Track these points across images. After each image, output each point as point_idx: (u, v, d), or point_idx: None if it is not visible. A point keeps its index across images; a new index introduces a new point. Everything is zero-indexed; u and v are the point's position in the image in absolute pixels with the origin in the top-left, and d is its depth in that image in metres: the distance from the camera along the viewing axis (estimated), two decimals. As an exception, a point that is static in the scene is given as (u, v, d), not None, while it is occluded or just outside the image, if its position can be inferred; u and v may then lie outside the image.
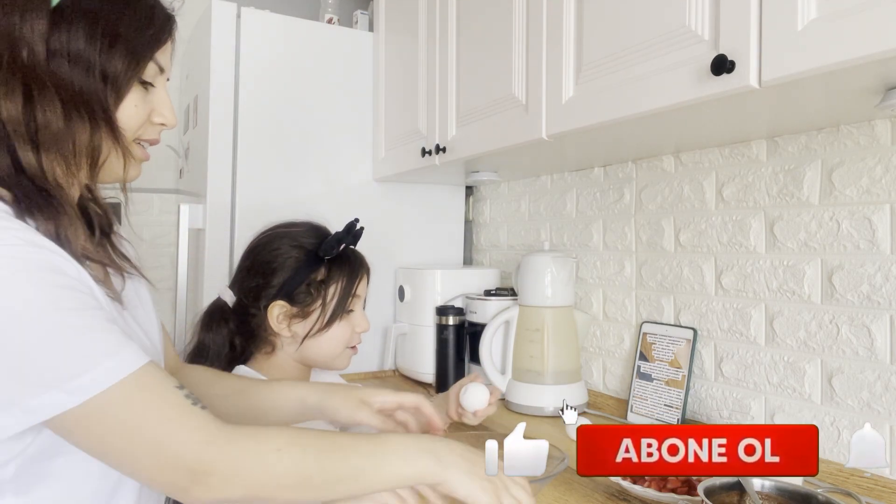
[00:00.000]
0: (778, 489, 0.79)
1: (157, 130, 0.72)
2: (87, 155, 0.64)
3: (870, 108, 0.90)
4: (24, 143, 0.60)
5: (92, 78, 0.62)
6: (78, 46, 0.61)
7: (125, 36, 0.64)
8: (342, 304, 0.96)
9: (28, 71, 0.60)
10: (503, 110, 1.31)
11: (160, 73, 0.69)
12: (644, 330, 1.39)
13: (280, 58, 1.76)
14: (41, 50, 0.60)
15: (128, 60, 0.64)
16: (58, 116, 0.61)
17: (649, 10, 0.95)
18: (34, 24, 0.60)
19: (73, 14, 0.61)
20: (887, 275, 0.99)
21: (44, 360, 0.53)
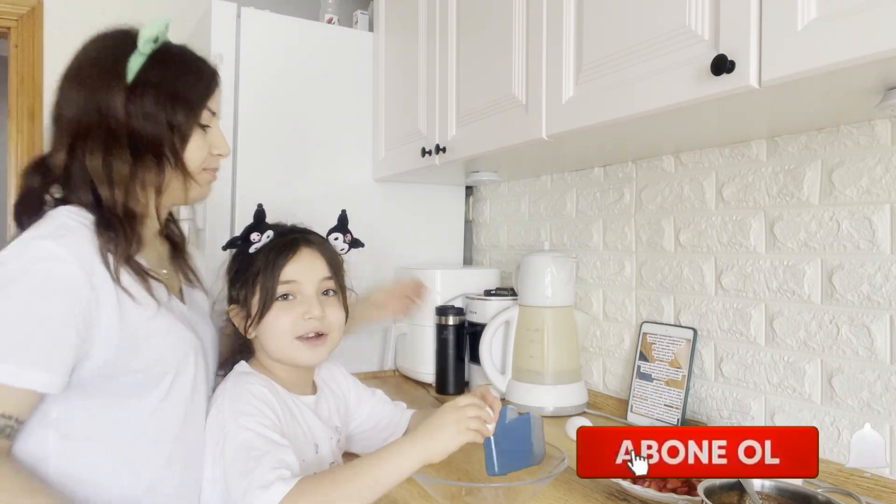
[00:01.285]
0: (778, 489, 0.79)
1: (216, 160, 0.92)
2: (154, 186, 0.84)
3: (870, 108, 0.90)
4: (101, 184, 0.81)
5: (161, 128, 0.82)
6: (149, 108, 0.82)
7: (182, 94, 0.84)
8: (268, 294, 0.90)
9: (110, 132, 0.81)
10: (503, 110, 1.31)
11: (213, 115, 0.89)
12: (644, 330, 1.39)
13: (280, 58, 1.75)
14: (122, 115, 0.81)
15: (186, 112, 0.84)
16: (126, 163, 0.81)
17: (649, 10, 0.95)
18: (116, 97, 0.81)
19: (143, 85, 0.82)
20: (887, 275, 0.99)
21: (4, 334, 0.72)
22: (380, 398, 1.12)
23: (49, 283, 0.74)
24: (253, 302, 0.92)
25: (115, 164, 0.81)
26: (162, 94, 0.82)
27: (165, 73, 0.84)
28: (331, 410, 1.02)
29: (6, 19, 2.13)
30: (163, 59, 0.84)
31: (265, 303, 0.91)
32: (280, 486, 0.74)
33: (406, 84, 1.72)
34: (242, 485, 0.76)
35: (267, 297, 0.91)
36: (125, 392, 0.82)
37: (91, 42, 0.89)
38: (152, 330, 0.82)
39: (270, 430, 0.83)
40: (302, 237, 0.96)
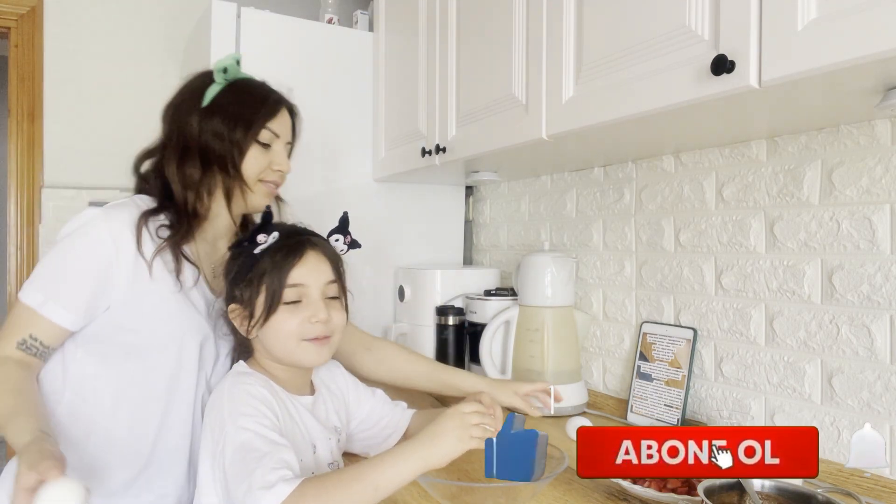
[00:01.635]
0: (778, 489, 0.79)
1: (277, 175, 1.07)
2: (222, 192, 1.02)
3: (870, 108, 0.90)
4: (175, 184, 1.01)
5: (225, 144, 1.00)
6: (217, 127, 1.00)
7: (244, 115, 1.02)
8: (274, 297, 0.91)
9: (185, 144, 1.01)
10: (503, 110, 1.31)
11: (276, 137, 1.05)
12: (644, 330, 1.39)
13: (280, 58, 1.75)
14: (196, 132, 1.00)
15: (245, 130, 1.01)
16: (197, 171, 1.00)
17: (649, 10, 0.95)
18: (192, 116, 1.01)
19: (214, 109, 1.01)
20: (887, 275, 0.99)
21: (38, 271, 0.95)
22: (380, 398, 1.12)
23: (85, 242, 0.94)
24: (257, 303, 0.92)
25: (188, 171, 1.00)
26: (228, 115, 1.00)
27: (232, 99, 1.02)
28: (328, 411, 1.02)
29: (6, 19, 2.13)
30: (234, 88, 1.03)
31: (271, 305, 0.91)
32: (283, 486, 0.74)
33: (406, 84, 1.72)
34: (243, 486, 0.76)
35: (273, 300, 0.91)
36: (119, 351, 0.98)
37: (187, 78, 1.08)
38: (158, 304, 0.97)
39: (270, 430, 0.83)
40: (307, 240, 0.96)
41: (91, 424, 0.97)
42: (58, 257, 0.95)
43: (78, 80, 2.19)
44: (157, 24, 2.29)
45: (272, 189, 1.07)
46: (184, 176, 1.00)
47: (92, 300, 0.94)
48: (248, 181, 1.03)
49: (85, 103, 2.21)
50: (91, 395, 0.98)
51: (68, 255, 0.94)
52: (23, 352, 0.93)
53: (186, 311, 1.00)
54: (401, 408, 1.12)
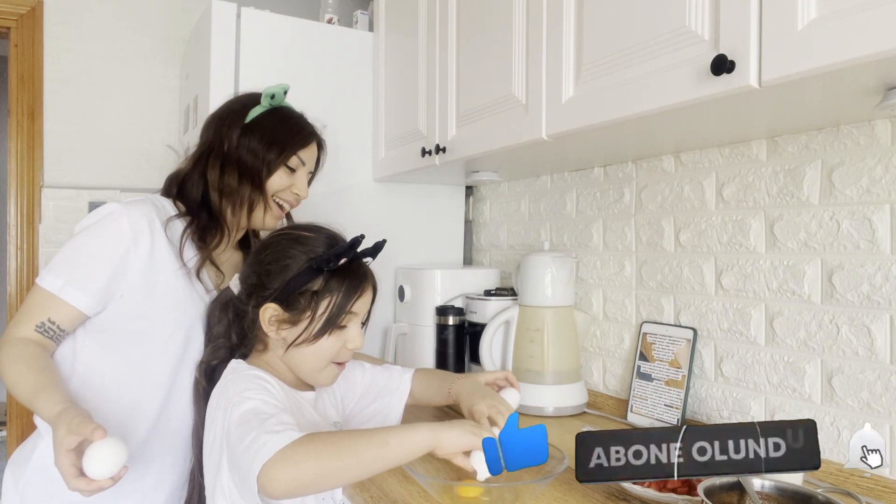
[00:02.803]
0: (778, 489, 0.79)
1: (294, 197, 1.16)
2: (248, 204, 1.11)
3: (870, 108, 0.90)
4: (214, 192, 1.10)
5: (258, 161, 1.10)
6: (254, 145, 1.10)
7: (280, 139, 1.11)
8: (333, 320, 0.91)
9: (225, 156, 1.10)
10: (503, 110, 1.31)
11: (302, 164, 1.15)
12: (644, 330, 1.39)
13: (280, 58, 1.75)
14: (235, 145, 1.10)
15: (278, 153, 1.11)
16: (235, 181, 1.09)
17: (649, 10, 0.95)
18: (234, 131, 1.11)
19: (255, 127, 1.11)
20: (887, 275, 0.99)
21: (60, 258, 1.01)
22: (370, 372, 1.12)
23: (105, 232, 1.00)
24: (314, 318, 0.90)
25: (227, 180, 1.09)
26: (266, 136, 1.10)
27: (272, 123, 1.12)
28: (327, 406, 1.02)
29: (6, 19, 2.13)
30: (276, 113, 1.14)
31: (327, 327, 0.90)
32: (290, 433, 0.73)
33: (406, 84, 1.72)
34: (247, 439, 0.74)
35: (332, 322, 0.91)
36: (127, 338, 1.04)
37: (233, 98, 1.18)
38: (169, 292, 1.04)
39: (276, 404, 0.82)
40: (369, 269, 0.98)
41: (95, 409, 0.98)
42: (78, 245, 1.00)
43: (78, 80, 2.19)
44: (157, 24, 2.29)
45: (282, 211, 1.16)
46: (223, 184, 1.09)
47: (109, 286, 1.00)
48: (267, 196, 1.12)
49: (85, 103, 2.21)
50: (97, 381, 1.03)
51: (88, 244, 1.00)
52: (40, 334, 0.98)
53: (194, 299, 1.06)
54: (396, 372, 1.14)
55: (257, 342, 0.97)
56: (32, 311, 0.99)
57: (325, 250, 0.92)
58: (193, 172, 1.11)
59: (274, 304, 0.91)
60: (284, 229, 1.01)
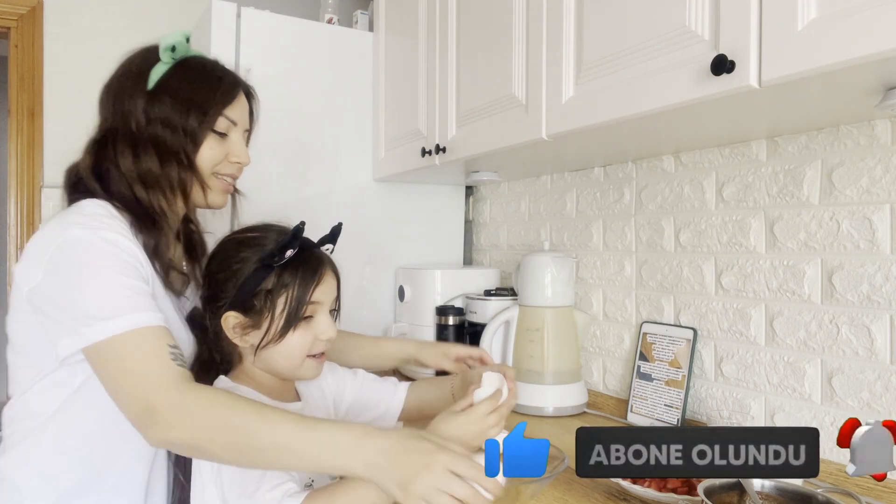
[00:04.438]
0: (778, 489, 0.79)
1: (235, 167, 0.97)
2: (180, 188, 0.91)
3: (870, 108, 0.90)
4: (137, 184, 0.89)
5: (177, 134, 0.89)
6: (166, 114, 0.89)
7: (198, 101, 0.90)
8: (294, 314, 0.87)
9: (135, 136, 0.89)
10: (503, 110, 1.31)
11: (233, 125, 0.95)
12: (644, 330, 1.39)
13: (280, 58, 1.75)
14: (142, 119, 0.89)
15: (199, 118, 0.90)
16: (155, 164, 0.89)
17: (649, 10, 0.95)
18: (136, 102, 0.89)
19: (162, 92, 0.89)
20: (887, 275, 0.99)
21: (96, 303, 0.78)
22: (362, 378, 1.09)
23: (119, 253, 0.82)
24: (274, 316, 0.87)
25: (145, 166, 0.89)
26: (178, 100, 0.89)
27: (183, 82, 0.90)
28: (318, 411, 1.00)
29: (6, 19, 2.13)
30: (183, 68, 0.91)
31: (290, 321, 0.87)
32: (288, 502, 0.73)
33: (406, 84, 1.72)
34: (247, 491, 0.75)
35: (294, 316, 0.87)
36: None
37: (126, 56, 0.95)
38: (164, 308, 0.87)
39: None
40: (324, 255, 0.93)
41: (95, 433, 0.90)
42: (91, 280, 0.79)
43: (78, 80, 2.19)
44: (157, 24, 2.29)
45: (228, 185, 0.98)
46: (142, 172, 0.88)
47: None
48: (203, 175, 0.93)
49: (85, 103, 2.19)
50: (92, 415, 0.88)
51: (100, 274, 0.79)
52: (182, 366, 0.79)
53: (175, 314, 0.93)
54: (390, 383, 1.09)
55: (234, 356, 0.93)
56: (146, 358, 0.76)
57: (273, 246, 0.88)
58: (107, 164, 0.89)
59: (232, 311, 0.88)
60: (230, 234, 0.95)
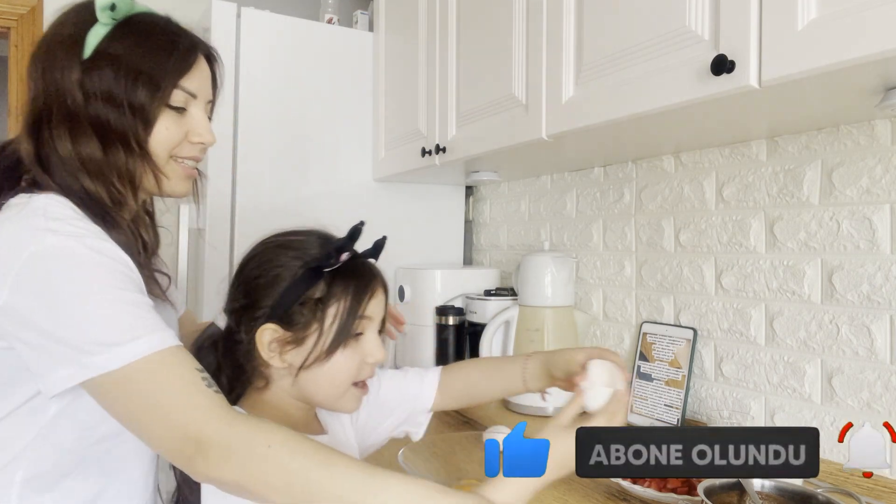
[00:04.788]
0: (778, 489, 0.79)
1: (197, 148, 0.81)
2: (127, 177, 0.75)
3: (870, 108, 0.90)
4: (81, 174, 0.73)
5: (122, 112, 0.72)
6: (107, 87, 0.72)
7: (146, 70, 0.73)
8: (346, 328, 0.75)
9: (71, 115, 0.72)
10: (503, 110, 1.31)
11: (192, 98, 0.77)
12: (644, 330, 1.39)
13: (280, 58, 1.75)
14: (79, 95, 0.72)
15: (150, 92, 0.73)
16: (97, 149, 0.73)
17: (649, 10, 0.95)
18: (70, 74, 0.72)
19: (101, 60, 0.72)
20: (887, 275, 0.99)
21: (99, 326, 0.64)
22: (387, 383, 0.93)
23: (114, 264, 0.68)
24: (320, 330, 0.74)
25: (85, 151, 0.72)
26: (121, 70, 0.72)
27: (127, 47, 0.73)
28: (342, 444, 0.85)
29: (6, 19, 2.13)
30: (127, 30, 0.74)
31: (340, 337, 0.74)
32: None
33: (406, 84, 1.72)
34: None
35: (344, 332, 0.74)
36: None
37: (56, 18, 0.76)
38: None
39: None
40: (375, 266, 0.82)
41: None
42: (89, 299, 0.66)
43: (78, 80, 2.19)
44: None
45: (190, 169, 0.81)
46: (83, 159, 0.72)
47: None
48: (159, 161, 0.76)
49: (85, 103, 2.20)
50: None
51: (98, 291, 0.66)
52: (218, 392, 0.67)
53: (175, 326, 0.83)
54: (413, 373, 0.96)
55: (257, 378, 0.79)
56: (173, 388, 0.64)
57: (319, 251, 0.77)
58: (45, 149, 0.73)
59: (272, 323, 0.74)
60: (269, 237, 0.81)
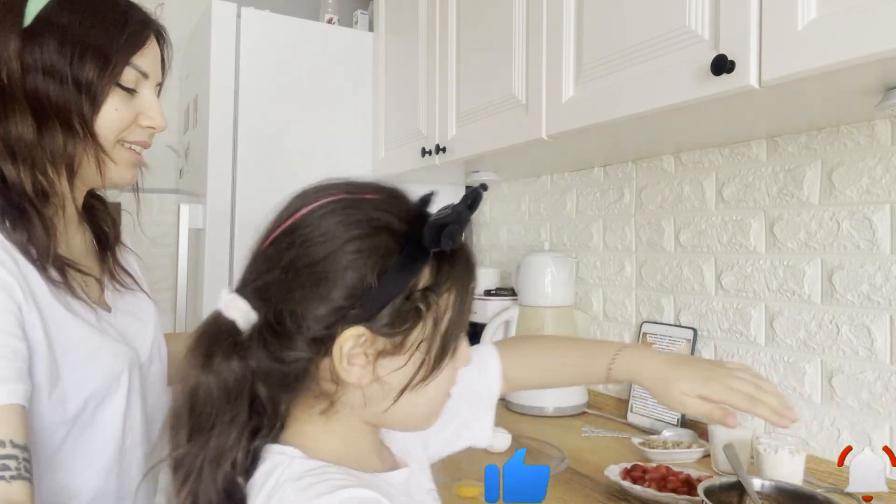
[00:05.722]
0: (778, 489, 0.79)
1: (147, 133, 0.74)
2: (63, 162, 0.67)
3: (870, 108, 0.90)
4: (4, 157, 0.64)
5: (66, 88, 0.65)
6: (50, 60, 0.64)
7: (96, 44, 0.66)
8: (458, 328, 0.55)
9: (3, 89, 0.64)
10: (503, 110, 1.31)
11: (144, 77, 0.71)
12: (644, 330, 1.39)
13: (280, 58, 1.76)
14: (16, 67, 0.64)
15: (100, 68, 0.66)
16: (30, 129, 0.64)
17: (649, 10, 0.95)
18: (7, 43, 0.63)
19: (43, 30, 0.64)
20: (887, 275, 0.99)
21: None
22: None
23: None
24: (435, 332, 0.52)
25: (15, 131, 0.64)
26: (67, 42, 0.65)
27: (74, 17, 0.66)
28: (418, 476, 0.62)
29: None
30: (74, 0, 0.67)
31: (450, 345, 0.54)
32: None
33: (406, 84, 1.72)
34: None
35: (453, 335, 0.54)
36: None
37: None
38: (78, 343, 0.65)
39: None
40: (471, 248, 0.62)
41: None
42: None
43: (78, 80, 2.18)
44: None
45: (138, 155, 0.74)
46: (9, 140, 0.64)
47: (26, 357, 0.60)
48: (105, 145, 0.69)
49: (85, 103, 2.20)
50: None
51: None
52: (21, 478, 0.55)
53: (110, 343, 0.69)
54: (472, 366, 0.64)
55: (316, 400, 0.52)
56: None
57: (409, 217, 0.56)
58: None
59: (359, 326, 0.49)
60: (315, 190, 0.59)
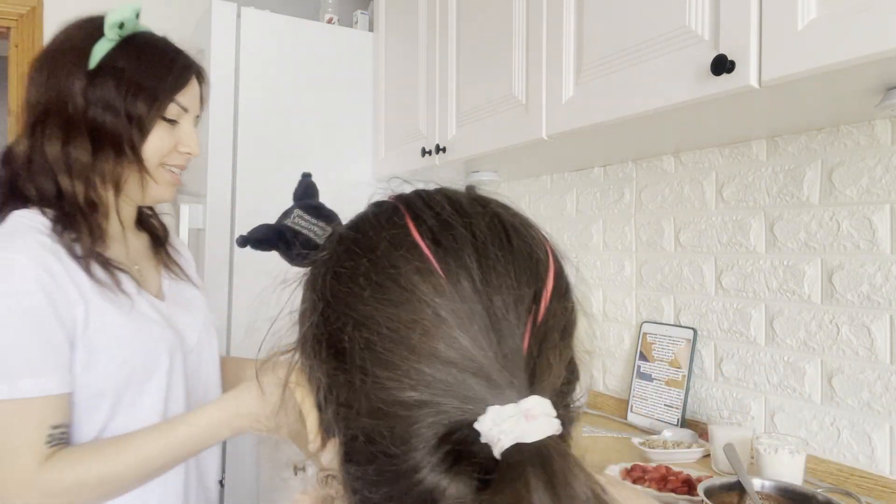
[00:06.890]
0: (777, 489, 0.79)
1: (184, 158, 0.88)
2: (112, 180, 0.81)
3: (870, 108, 0.90)
4: (62, 174, 0.79)
5: (120, 120, 0.79)
6: (108, 96, 0.79)
7: (146, 85, 0.81)
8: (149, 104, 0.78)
9: (69, 119, 0.79)
10: (503, 110, 1.31)
11: (185, 112, 0.85)
12: (644, 330, 1.39)
13: (280, 58, 1.76)
14: (80, 102, 0.78)
15: (148, 104, 0.80)
16: (87, 152, 0.79)
17: (649, 10, 0.95)
18: (75, 82, 0.78)
19: (105, 72, 0.79)
20: (887, 275, 0.99)
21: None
22: None
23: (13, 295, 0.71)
24: None
25: (74, 153, 0.78)
26: (123, 82, 0.79)
27: (130, 62, 0.81)
28: None
29: (6, 19, 2.13)
30: (130, 47, 0.82)
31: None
32: None
33: (406, 84, 1.72)
34: None
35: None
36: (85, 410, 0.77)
37: (62, 29, 0.86)
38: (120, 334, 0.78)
39: None
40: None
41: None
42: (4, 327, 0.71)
43: (78, 80, 2.18)
44: (157, 24, 2.28)
45: (177, 177, 0.88)
46: (69, 159, 0.79)
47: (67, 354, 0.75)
48: (150, 167, 0.83)
49: (85, 103, 2.20)
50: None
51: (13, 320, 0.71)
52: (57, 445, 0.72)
53: (146, 326, 0.82)
54: None
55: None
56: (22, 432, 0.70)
57: None
58: (34, 151, 0.80)
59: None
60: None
